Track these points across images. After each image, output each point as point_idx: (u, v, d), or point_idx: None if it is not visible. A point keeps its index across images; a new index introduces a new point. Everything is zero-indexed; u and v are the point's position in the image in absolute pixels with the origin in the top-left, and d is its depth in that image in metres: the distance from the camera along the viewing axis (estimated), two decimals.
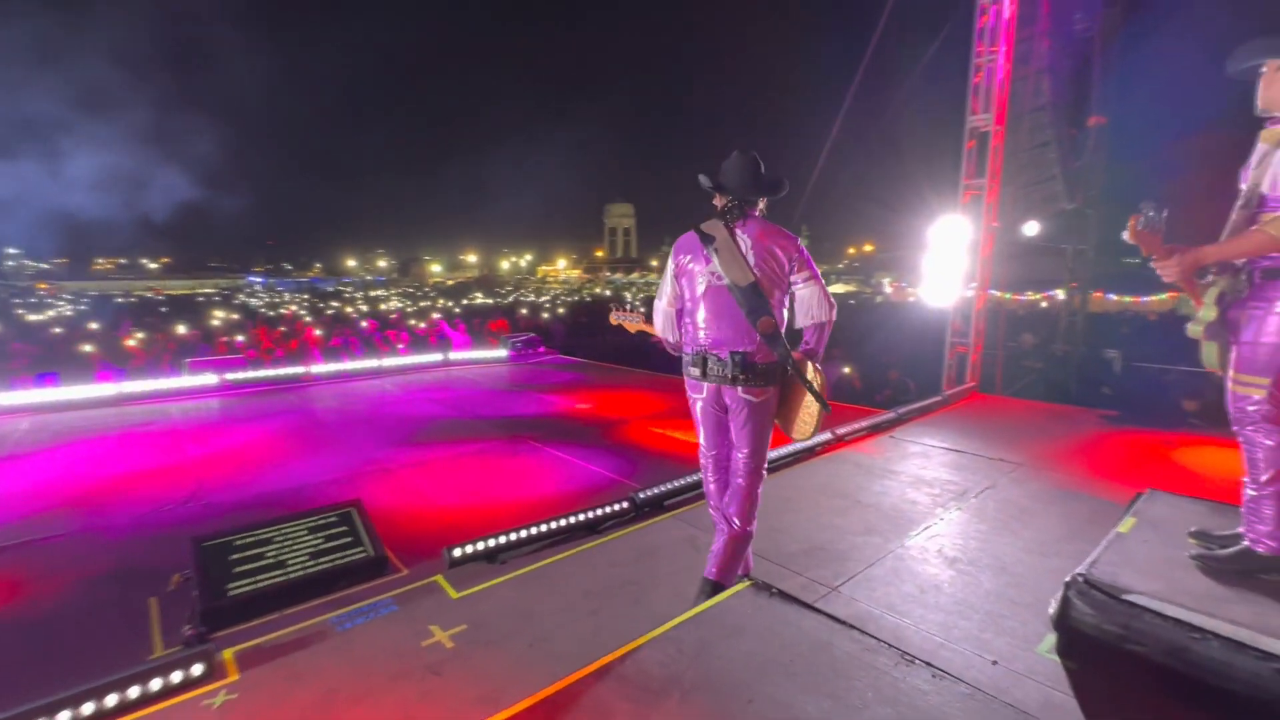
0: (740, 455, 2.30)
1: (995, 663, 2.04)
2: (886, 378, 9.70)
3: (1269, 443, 2.01)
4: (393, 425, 5.67)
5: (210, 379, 7.25)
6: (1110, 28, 6.88)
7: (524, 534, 2.85)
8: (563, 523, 2.97)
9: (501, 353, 9.89)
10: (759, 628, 1.76)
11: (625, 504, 3.20)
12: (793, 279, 2.23)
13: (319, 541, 3.00)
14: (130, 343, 9.81)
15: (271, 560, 2.83)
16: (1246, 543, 2.12)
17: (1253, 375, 2.01)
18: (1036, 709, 1.80)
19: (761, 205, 2.31)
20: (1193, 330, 2.18)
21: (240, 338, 11.35)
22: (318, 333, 10.82)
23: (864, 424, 4.90)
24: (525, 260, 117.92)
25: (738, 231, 2.23)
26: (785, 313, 2.27)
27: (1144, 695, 1.90)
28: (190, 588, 2.65)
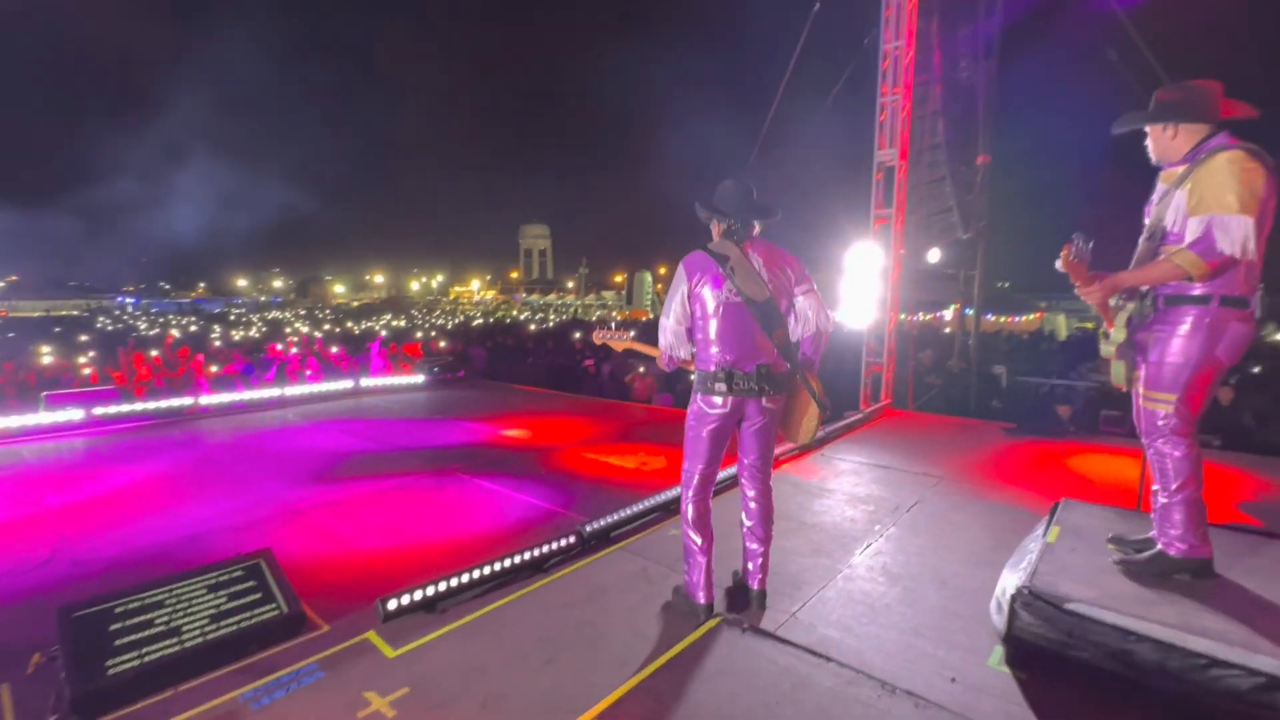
0: (756, 465, 2.49)
1: (954, 680, 2.08)
2: None
3: (1177, 453, 2.20)
4: (301, 461, 5.17)
5: (74, 414, 6.34)
6: (990, 77, 7.66)
7: (465, 578, 2.63)
8: (507, 563, 2.77)
9: (418, 378, 9.38)
10: (737, 668, 1.68)
11: (572, 538, 3.05)
12: (795, 291, 2.41)
13: (221, 601, 2.62)
14: None
15: (163, 628, 2.44)
16: (1160, 546, 2.31)
17: (1160, 392, 2.21)
18: None
19: (758, 227, 2.43)
20: (1105, 350, 2.37)
21: (88, 369, 9.93)
22: (213, 368, 9.75)
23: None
24: (437, 281, 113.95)
25: (748, 251, 2.36)
26: (791, 323, 2.44)
27: (1089, 698, 2.00)
28: (55, 669, 2.23)
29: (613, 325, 2.82)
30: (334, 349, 13.70)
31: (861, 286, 6.72)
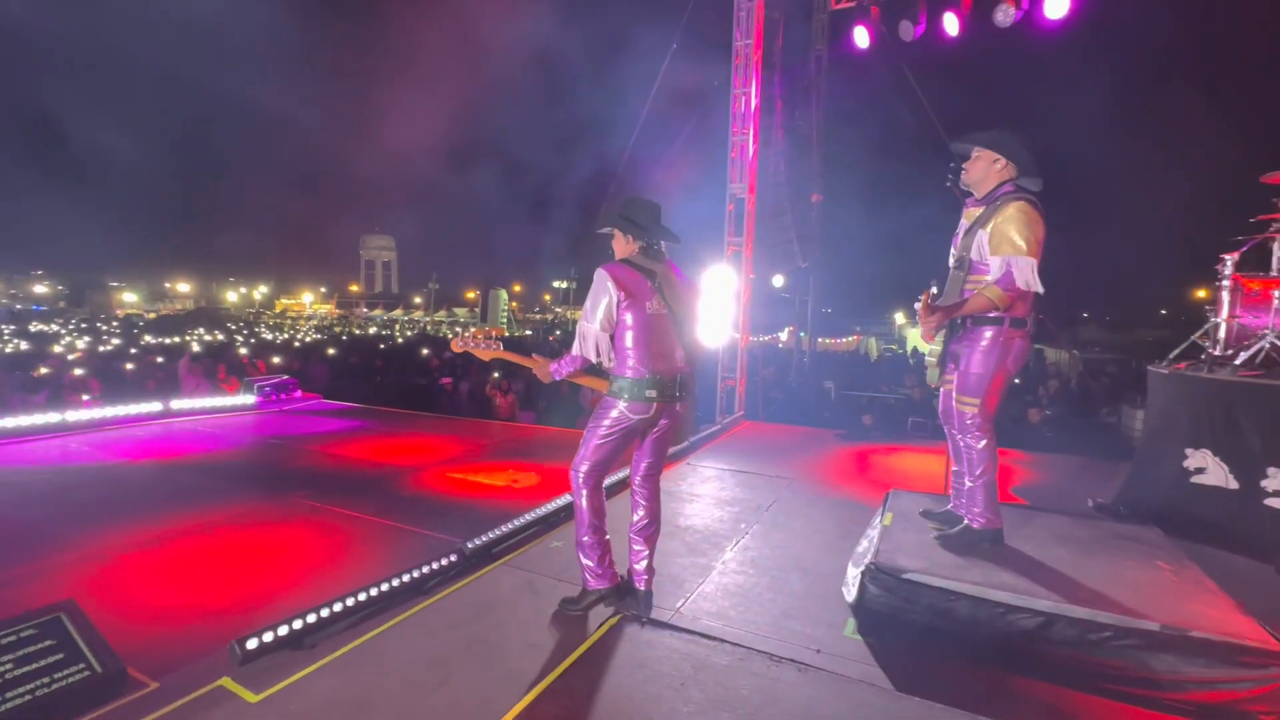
0: (654, 467, 2.65)
1: (819, 651, 2.35)
2: None
3: (979, 445, 2.71)
4: (98, 498, 4.34)
5: None
6: (820, 126, 8.78)
7: (337, 607, 2.41)
8: (384, 587, 2.59)
9: (247, 399, 8.30)
10: (642, 658, 1.77)
11: (453, 556, 2.93)
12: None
13: (7, 668, 2.15)
14: None
15: None
16: (966, 522, 2.81)
17: (967, 395, 2.71)
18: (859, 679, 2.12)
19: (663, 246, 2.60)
20: (929, 360, 2.87)
21: None
22: None
23: None
24: (259, 291, 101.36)
25: (670, 269, 2.54)
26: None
27: (923, 651, 2.37)
28: None
29: (470, 331, 2.78)
30: (129, 365, 11.67)
31: (716, 307, 7.27)
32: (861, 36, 8.16)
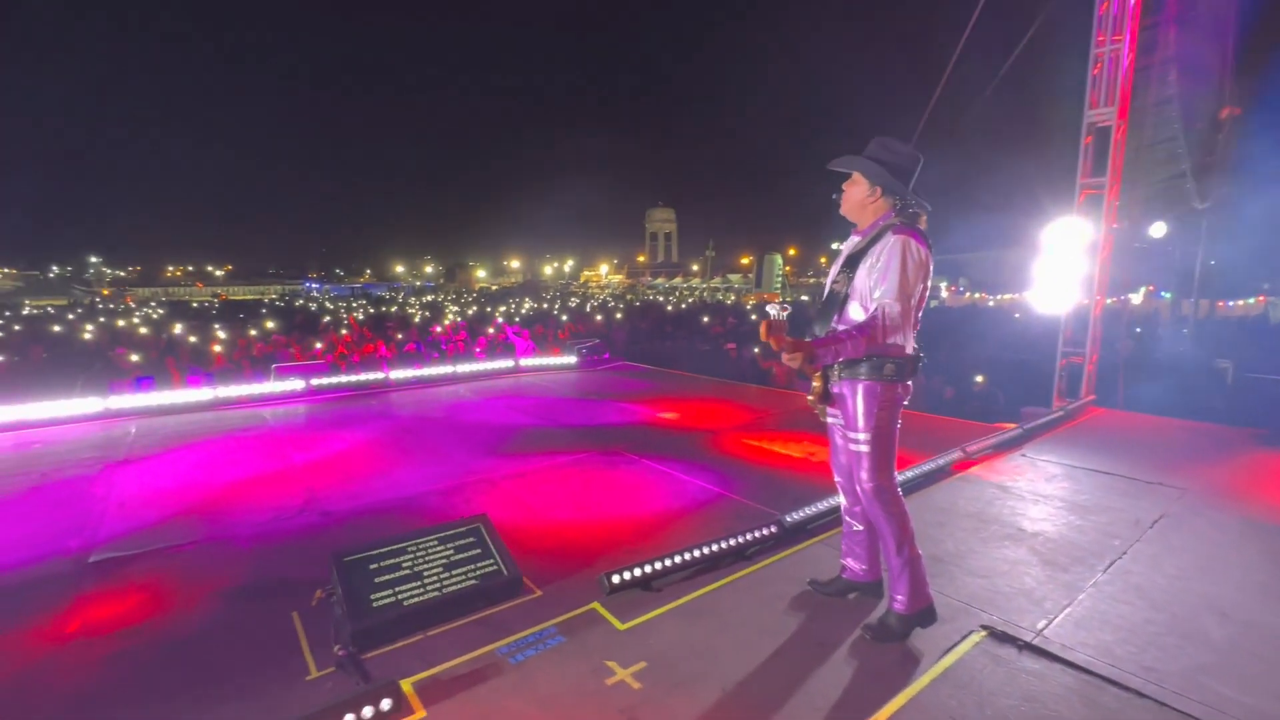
0: None
1: None
2: (971, 388, 9.21)
3: None
4: (481, 434, 5.60)
5: (297, 384, 7.37)
6: (1240, 13, 6.33)
7: (679, 559, 2.67)
8: (715, 547, 2.77)
9: (570, 360, 9.82)
10: (1030, 691, 1.52)
11: (773, 528, 2.98)
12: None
13: (450, 553, 2.89)
14: (216, 348, 10.14)
15: (408, 571, 2.72)
16: None
17: None
18: None
19: None
20: None
21: (280, 345, 11.56)
22: (397, 345, 10.93)
23: (990, 441, 4.56)
24: (568, 265, 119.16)
25: None
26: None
27: None
28: (332, 604, 2.57)
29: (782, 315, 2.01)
30: (490, 330, 14.79)
31: (1061, 267, 5.93)
32: None
